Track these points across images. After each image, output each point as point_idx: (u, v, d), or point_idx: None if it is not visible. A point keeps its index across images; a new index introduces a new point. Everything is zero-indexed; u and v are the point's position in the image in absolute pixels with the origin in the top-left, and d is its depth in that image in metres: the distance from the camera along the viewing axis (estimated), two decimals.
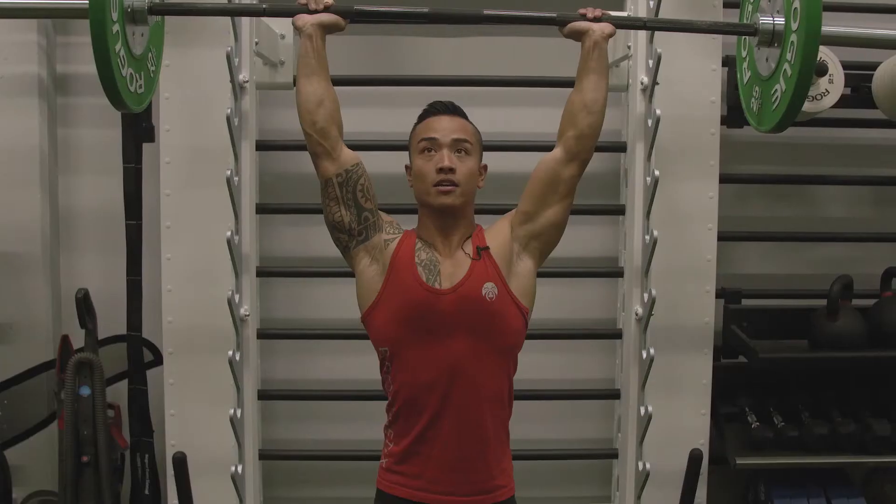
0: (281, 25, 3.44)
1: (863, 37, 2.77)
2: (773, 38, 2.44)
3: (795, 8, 2.31)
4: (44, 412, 3.79)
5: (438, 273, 2.43)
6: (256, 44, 3.36)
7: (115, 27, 2.28)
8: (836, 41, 2.59)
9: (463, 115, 2.57)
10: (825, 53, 3.48)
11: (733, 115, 3.67)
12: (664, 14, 3.29)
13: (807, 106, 3.44)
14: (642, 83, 3.41)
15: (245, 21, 3.32)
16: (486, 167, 2.59)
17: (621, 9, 3.54)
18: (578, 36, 2.51)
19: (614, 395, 3.66)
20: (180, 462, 3.20)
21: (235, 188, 3.28)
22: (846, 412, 3.70)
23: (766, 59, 2.49)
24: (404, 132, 2.63)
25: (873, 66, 3.61)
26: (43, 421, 3.79)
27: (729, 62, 3.62)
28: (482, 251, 2.46)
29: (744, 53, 2.69)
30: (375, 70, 3.80)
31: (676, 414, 3.53)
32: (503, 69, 3.70)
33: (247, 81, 3.39)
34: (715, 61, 3.51)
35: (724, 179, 3.55)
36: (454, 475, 2.41)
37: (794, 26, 2.32)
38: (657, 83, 3.33)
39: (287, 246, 3.86)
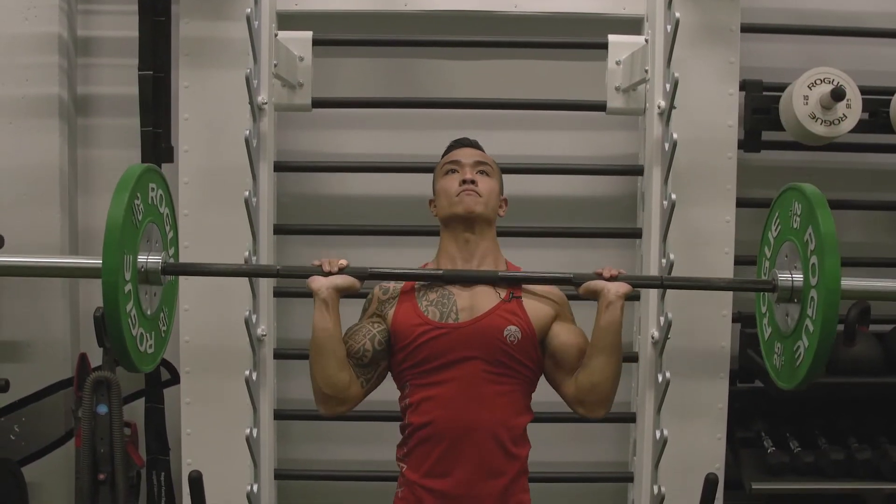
0: (300, 48, 3.46)
1: (883, 290, 2.66)
2: (791, 294, 2.38)
3: (814, 264, 2.27)
4: (61, 430, 3.80)
5: (454, 304, 2.45)
6: (275, 66, 3.38)
7: (128, 286, 2.26)
8: (857, 295, 2.50)
9: (483, 151, 2.66)
10: (842, 77, 3.48)
11: (750, 140, 3.68)
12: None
13: (824, 130, 3.45)
14: (659, 107, 3.41)
15: (264, 43, 3.35)
16: (506, 201, 2.66)
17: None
18: (594, 295, 2.42)
19: (630, 418, 3.65)
20: (196, 480, 3.20)
21: (253, 209, 3.29)
22: (863, 438, 3.68)
23: (787, 315, 2.43)
24: (423, 154, 2.66)
25: (891, 91, 3.60)
26: (60, 438, 3.81)
27: (746, 86, 3.64)
28: (514, 298, 2.48)
29: (763, 309, 2.63)
30: (395, 92, 3.81)
31: (692, 438, 3.53)
32: (522, 92, 3.71)
33: (265, 103, 3.40)
34: (732, 86, 3.51)
35: (741, 203, 3.55)
36: None
37: (814, 282, 2.27)
38: (674, 107, 3.33)
39: None
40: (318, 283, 2.41)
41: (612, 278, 2.41)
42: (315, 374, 2.42)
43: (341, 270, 2.42)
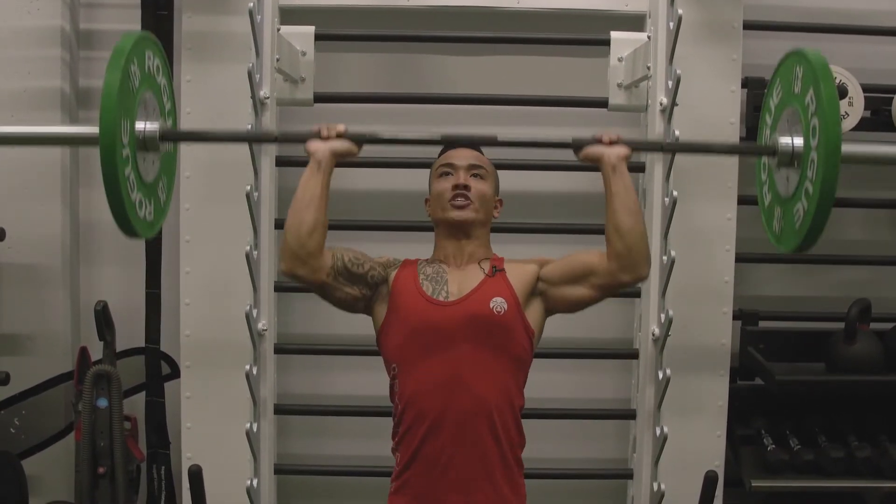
0: (302, 42, 3.46)
1: (883, 155, 2.69)
2: (792, 158, 2.37)
3: (814, 126, 2.26)
4: (61, 423, 3.80)
5: (446, 283, 2.48)
6: (277, 60, 3.38)
7: (126, 151, 2.22)
8: (856, 159, 2.50)
9: (480, 151, 2.66)
10: (844, 75, 3.48)
11: (752, 137, 3.67)
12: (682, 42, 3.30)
13: None
14: (661, 104, 3.41)
15: (266, 38, 3.35)
16: (501, 201, 2.68)
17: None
18: (595, 162, 2.41)
19: (630, 415, 3.65)
20: (196, 474, 3.20)
21: (255, 203, 3.29)
22: (863, 436, 3.68)
23: (787, 179, 2.42)
24: (424, 150, 2.65)
25: (893, 90, 3.62)
26: (60, 432, 3.80)
27: (748, 84, 3.63)
28: (497, 272, 2.48)
29: (763, 177, 2.63)
30: (397, 88, 3.82)
31: (692, 435, 3.53)
32: (525, 88, 3.71)
33: (268, 97, 3.40)
34: (734, 83, 3.52)
35: (743, 201, 3.54)
36: (458, 497, 2.40)
37: (814, 143, 2.25)
38: (676, 104, 3.33)
39: None
40: (314, 145, 2.39)
41: (611, 143, 2.41)
42: (289, 226, 2.37)
43: (339, 135, 2.40)
